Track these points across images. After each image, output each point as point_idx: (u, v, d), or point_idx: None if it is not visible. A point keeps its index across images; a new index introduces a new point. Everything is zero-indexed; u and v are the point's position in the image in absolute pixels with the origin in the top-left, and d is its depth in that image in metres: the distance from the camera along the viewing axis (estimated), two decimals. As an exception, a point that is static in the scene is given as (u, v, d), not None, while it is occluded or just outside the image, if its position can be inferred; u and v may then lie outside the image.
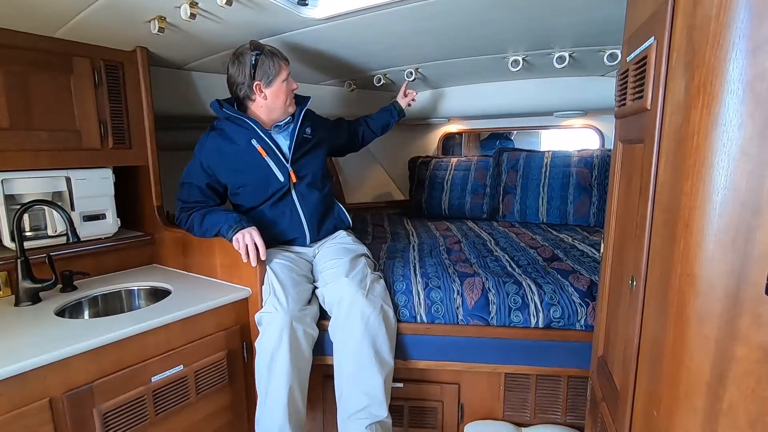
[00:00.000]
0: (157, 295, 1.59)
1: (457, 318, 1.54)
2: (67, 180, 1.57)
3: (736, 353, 0.62)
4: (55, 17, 1.34)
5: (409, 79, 2.17)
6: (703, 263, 0.63)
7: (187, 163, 1.65)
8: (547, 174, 2.55)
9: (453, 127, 3.24)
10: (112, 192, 1.70)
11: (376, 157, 3.24)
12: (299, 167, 1.64)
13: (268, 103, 1.58)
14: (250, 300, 1.53)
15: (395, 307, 1.55)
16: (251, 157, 1.58)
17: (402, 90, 2.19)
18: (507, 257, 1.86)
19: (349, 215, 1.84)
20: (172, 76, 1.93)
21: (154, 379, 1.27)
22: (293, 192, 1.64)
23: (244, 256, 1.46)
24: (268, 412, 1.39)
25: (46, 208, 1.52)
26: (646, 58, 0.79)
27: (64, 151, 1.53)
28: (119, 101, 1.65)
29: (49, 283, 1.41)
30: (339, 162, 3.07)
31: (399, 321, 1.55)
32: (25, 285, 1.39)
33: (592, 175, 2.47)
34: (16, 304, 1.39)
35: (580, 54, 1.87)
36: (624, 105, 0.95)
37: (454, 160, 2.93)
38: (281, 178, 1.60)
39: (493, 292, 1.54)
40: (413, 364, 1.57)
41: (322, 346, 1.54)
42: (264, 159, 1.58)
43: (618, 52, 1.79)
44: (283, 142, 1.64)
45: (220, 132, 1.61)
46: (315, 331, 1.49)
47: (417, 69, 2.15)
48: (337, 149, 2.07)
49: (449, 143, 3.51)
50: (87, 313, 1.52)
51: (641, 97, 0.81)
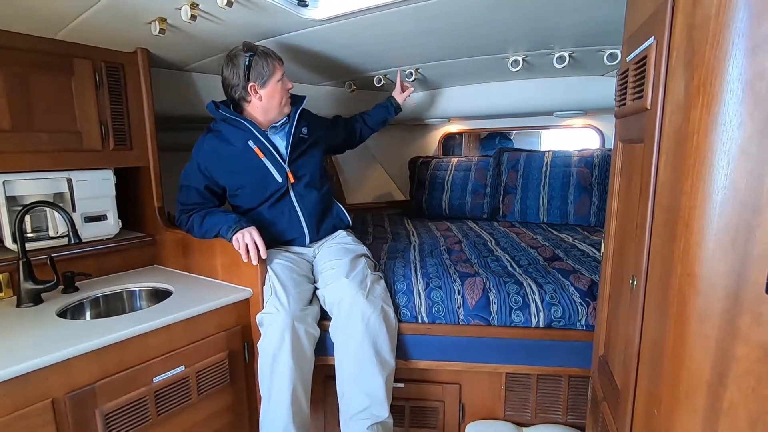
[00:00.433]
0: (159, 295, 1.59)
1: (458, 318, 1.54)
2: (69, 181, 1.57)
3: (737, 352, 0.62)
4: (56, 19, 1.34)
5: (409, 79, 2.17)
6: (704, 263, 0.63)
7: (188, 163, 1.65)
8: (548, 174, 2.55)
9: (453, 128, 3.25)
10: (113, 193, 1.70)
11: (376, 157, 3.24)
12: (297, 167, 1.64)
13: (264, 104, 1.58)
14: (251, 300, 1.54)
15: (396, 307, 1.55)
16: (248, 159, 1.58)
17: (398, 85, 2.16)
18: (508, 257, 1.86)
19: (349, 215, 1.84)
20: (173, 78, 1.93)
21: (155, 379, 1.27)
22: (291, 192, 1.64)
23: (245, 256, 1.46)
24: (272, 413, 1.39)
25: (47, 209, 1.52)
26: (645, 57, 0.79)
27: (66, 152, 1.54)
28: (120, 102, 1.66)
29: (50, 284, 1.42)
30: (339, 162, 3.07)
31: (400, 321, 1.55)
32: (27, 286, 1.39)
33: (592, 174, 2.47)
34: (18, 305, 1.39)
35: (580, 54, 1.87)
36: (624, 105, 0.95)
37: (455, 160, 2.93)
38: (279, 179, 1.60)
39: (493, 292, 1.54)
40: (414, 364, 1.57)
41: (323, 347, 1.54)
42: (261, 160, 1.58)
43: (618, 52, 1.79)
44: (280, 143, 1.64)
45: (217, 134, 1.61)
46: (316, 331, 1.49)
47: (417, 69, 2.15)
48: (334, 147, 2.07)
49: (449, 143, 3.51)
50: (89, 314, 1.53)
51: (641, 96, 0.81)
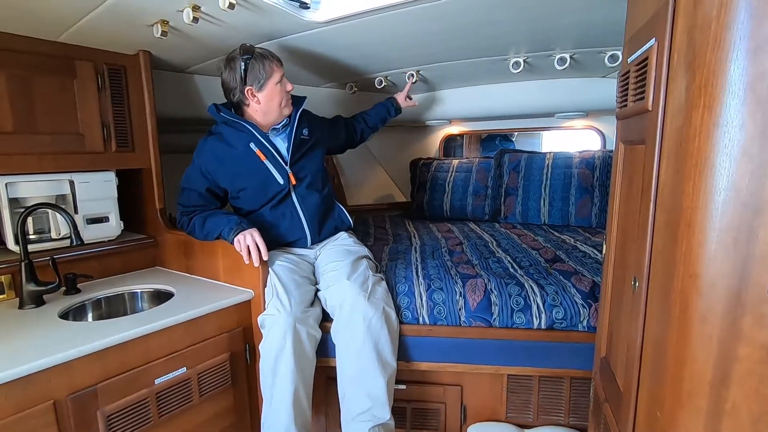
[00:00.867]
0: (160, 297, 1.59)
1: (460, 319, 1.54)
2: (71, 183, 1.58)
3: (739, 353, 0.62)
4: (58, 21, 1.34)
5: (411, 81, 2.17)
6: (706, 263, 0.63)
7: (189, 166, 1.65)
8: (549, 175, 2.55)
9: (454, 129, 3.25)
10: (115, 195, 1.71)
11: (377, 158, 3.25)
12: (298, 169, 1.65)
13: (262, 107, 1.58)
14: (253, 302, 1.54)
15: (397, 308, 1.55)
16: (250, 161, 1.58)
17: (405, 91, 2.18)
18: (509, 258, 1.86)
19: (351, 217, 1.85)
20: (175, 80, 1.94)
21: (157, 381, 1.27)
22: (293, 194, 1.64)
23: (246, 258, 1.46)
24: (274, 414, 1.39)
25: (49, 211, 1.53)
26: (647, 59, 0.79)
27: (68, 154, 1.54)
28: (122, 105, 1.66)
29: (52, 285, 1.42)
30: (340, 164, 3.08)
31: (401, 322, 1.55)
32: (29, 288, 1.40)
33: (593, 176, 2.47)
34: (20, 307, 1.40)
35: (581, 55, 1.88)
36: (625, 106, 0.95)
37: (456, 162, 2.93)
38: (281, 181, 1.61)
39: (495, 293, 1.54)
40: (416, 365, 1.57)
41: (324, 348, 1.54)
42: (263, 162, 1.59)
43: (619, 54, 1.79)
44: (281, 145, 1.64)
45: (218, 136, 1.61)
46: (318, 333, 1.49)
47: (418, 71, 2.15)
48: (335, 147, 2.08)
49: (450, 145, 3.51)
50: (90, 315, 1.53)
51: (642, 98, 0.81)
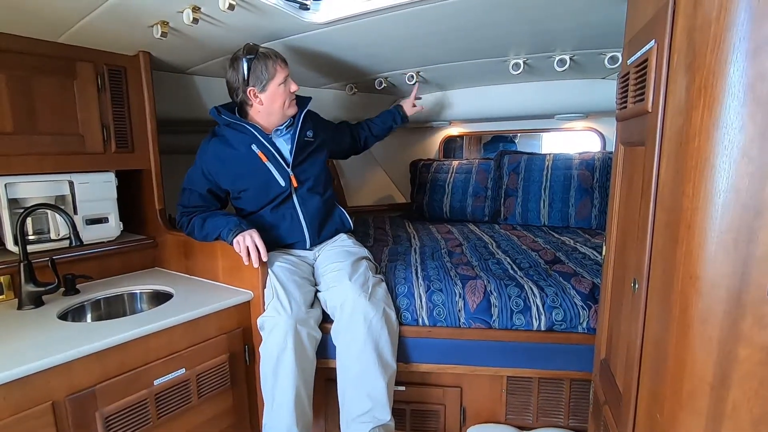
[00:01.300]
0: (160, 298, 1.59)
1: (459, 321, 1.54)
2: (70, 184, 1.57)
3: (739, 354, 0.61)
4: (58, 22, 1.35)
5: (410, 83, 2.17)
6: (706, 265, 0.63)
7: (190, 166, 1.65)
8: (549, 176, 2.55)
9: (454, 130, 3.25)
10: (115, 195, 1.71)
11: (377, 160, 3.25)
12: (300, 171, 1.64)
13: (265, 107, 1.57)
14: (252, 303, 1.54)
15: (397, 310, 1.55)
16: (252, 163, 1.58)
17: (412, 97, 2.15)
18: (509, 260, 1.85)
19: (351, 218, 1.84)
20: (175, 80, 1.94)
21: (156, 382, 1.27)
22: (294, 196, 1.64)
23: (245, 259, 1.46)
24: (276, 416, 1.39)
25: (49, 211, 1.53)
26: (646, 60, 0.79)
27: (68, 155, 1.54)
28: (122, 105, 1.66)
29: (51, 286, 1.42)
30: (341, 165, 3.08)
31: (401, 324, 1.55)
32: (28, 288, 1.39)
33: (593, 177, 2.47)
34: (19, 308, 1.39)
35: (581, 57, 1.88)
36: (625, 107, 0.95)
37: (456, 163, 2.93)
38: (282, 183, 1.60)
39: (494, 295, 1.54)
40: (415, 367, 1.57)
41: (324, 349, 1.54)
42: (264, 164, 1.58)
43: (619, 55, 1.79)
44: (284, 147, 1.64)
45: (221, 138, 1.61)
46: (318, 334, 1.49)
47: (418, 72, 2.16)
48: (338, 152, 2.07)
49: (450, 146, 3.51)
50: (90, 316, 1.53)
51: (642, 99, 0.81)
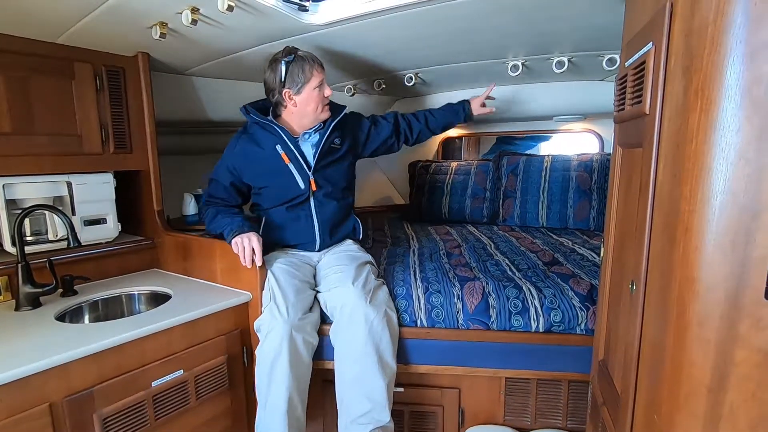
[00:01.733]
0: (158, 299, 1.58)
1: (458, 322, 1.54)
2: (68, 184, 1.57)
3: (736, 357, 0.62)
4: (57, 23, 1.34)
5: (409, 84, 2.16)
6: (703, 267, 0.63)
7: (188, 167, 1.66)
8: (547, 178, 2.56)
9: (453, 132, 3.25)
10: (113, 196, 1.71)
11: (376, 161, 3.25)
12: (321, 176, 1.65)
13: (299, 110, 1.59)
14: (251, 304, 1.53)
15: (395, 311, 1.54)
16: (274, 163, 1.61)
17: (483, 96, 1.98)
18: (507, 261, 1.85)
19: (362, 228, 1.83)
20: (174, 82, 1.93)
21: (154, 383, 1.27)
22: (311, 199, 1.66)
23: (242, 259, 1.47)
24: (268, 420, 1.39)
25: (47, 212, 1.52)
26: (644, 63, 0.80)
27: (66, 155, 1.54)
28: (120, 106, 1.66)
29: (49, 287, 1.41)
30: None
31: (400, 325, 1.54)
32: (26, 290, 1.39)
33: (591, 179, 2.47)
34: (17, 309, 1.39)
35: (579, 59, 1.88)
36: (623, 109, 0.95)
37: (454, 164, 2.93)
38: (302, 186, 1.62)
39: (493, 296, 1.54)
40: (414, 368, 1.56)
41: (322, 351, 1.53)
42: (287, 165, 1.60)
43: (617, 57, 1.80)
44: (309, 151, 1.64)
45: (250, 136, 1.65)
46: (315, 339, 1.49)
47: (417, 74, 2.16)
48: (379, 151, 1.91)
49: (449, 147, 3.52)
50: (87, 317, 1.52)
51: (640, 101, 0.82)
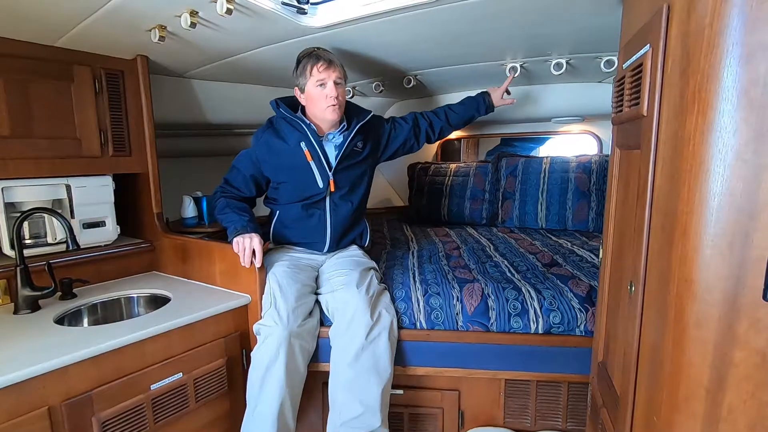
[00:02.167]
0: (157, 302, 1.58)
1: (457, 324, 1.54)
2: (67, 187, 1.57)
3: (735, 358, 0.62)
4: (56, 26, 1.35)
5: (407, 86, 2.17)
6: (701, 268, 0.63)
7: (187, 170, 1.65)
8: (546, 180, 2.56)
9: (452, 133, 3.25)
10: (112, 199, 1.71)
11: (375, 163, 3.25)
12: (340, 178, 1.65)
13: (308, 107, 1.61)
14: (250, 307, 1.53)
15: (395, 313, 1.54)
16: (297, 159, 1.61)
17: (504, 86, 1.96)
18: (506, 263, 1.86)
19: (369, 235, 1.83)
20: (173, 84, 1.94)
21: (153, 386, 1.26)
22: (328, 199, 1.66)
23: (242, 259, 1.47)
24: (256, 425, 1.37)
25: (46, 215, 1.52)
26: (642, 65, 0.80)
27: (65, 158, 1.54)
28: (119, 109, 1.66)
29: (48, 290, 1.41)
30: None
31: (399, 328, 1.54)
32: (25, 293, 1.39)
33: (590, 180, 2.48)
34: (15, 312, 1.39)
35: (577, 61, 1.89)
36: (621, 111, 0.96)
37: (453, 166, 2.94)
38: (320, 185, 1.63)
39: (492, 298, 1.54)
40: (413, 370, 1.56)
41: (320, 354, 1.53)
42: (309, 163, 1.61)
43: (614, 59, 1.80)
44: (332, 152, 1.65)
45: (275, 129, 1.65)
46: (312, 346, 1.49)
47: (416, 76, 2.16)
48: (400, 151, 1.89)
49: (448, 149, 3.52)
50: (86, 320, 1.52)
51: (638, 103, 0.82)
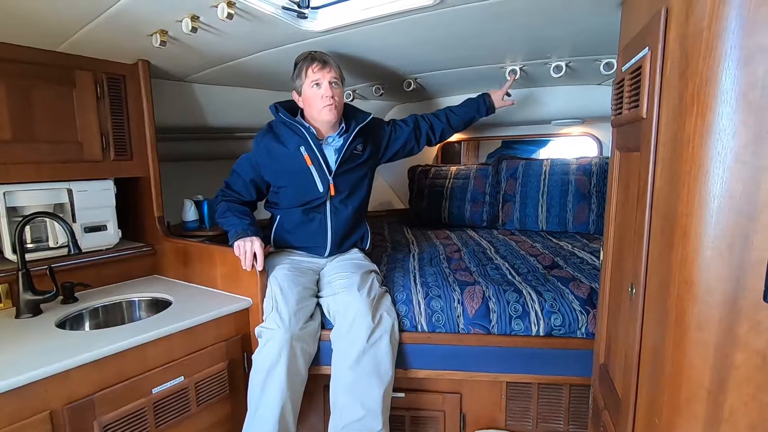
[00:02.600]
0: (158, 306, 1.58)
1: (458, 327, 1.54)
2: (69, 192, 1.58)
3: (736, 359, 0.62)
4: (58, 32, 1.35)
5: (408, 89, 2.17)
6: (701, 270, 0.63)
7: (189, 173, 1.66)
8: (546, 182, 2.56)
9: (452, 136, 3.26)
10: (114, 203, 1.71)
11: (375, 166, 3.25)
12: (340, 182, 1.65)
13: (306, 110, 1.61)
14: (251, 310, 1.53)
15: (396, 316, 1.54)
16: (296, 163, 1.61)
17: (505, 88, 1.95)
18: (507, 265, 1.86)
19: (370, 240, 1.83)
20: (174, 88, 1.95)
21: (154, 390, 1.26)
22: (328, 204, 1.66)
23: (243, 263, 1.48)
24: (257, 428, 1.37)
25: (47, 219, 1.53)
26: (641, 67, 0.80)
27: (66, 163, 1.54)
28: (121, 113, 1.67)
29: (50, 294, 1.41)
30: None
31: (400, 330, 1.54)
32: (26, 297, 1.39)
33: (590, 182, 2.48)
34: (17, 316, 1.39)
35: (577, 63, 1.89)
36: (620, 114, 0.96)
37: (454, 169, 2.94)
38: (320, 189, 1.62)
39: (493, 300, 1.54)
40: (414, 373, 1.56)
41: (321, 357, 1.53)
42: (308, 167, 1.60)
43: (614, 61, 1.81)
44: (332, 156, 1.64)
45: (275, 134, 1.65)
46: (313, 349, 1.49)
47: (416, 79, 2.17)
48: (400, 154, 1.88)
49: (448, 152, 3.52)
50: (88, 324, 1.52)
51: (637, 106, 0.82)
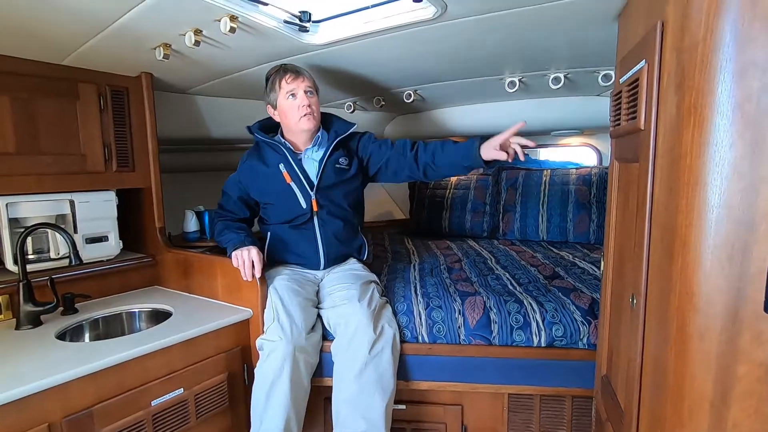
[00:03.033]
0: (158, 317, 1.58)
1: (459, 338, 1.53)
2: (71, 203, 1.58)
3: (738, 371, 0.62)
4: (63, 45, 1.37)
5: (408, 101, 2.19)
6: (701, 280, 0.63)
7: (191, 185, 1.67)
8: (546, 192, 2.57)
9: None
10: (115, 214, 1.71)
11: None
12: (324, 195, 1.62)
13: (283, 123, 1.60)
14: (251, 321, 1.53)
15: (398, 330, 1.54)
16: (277, 182, 1.60)
17: (502, 136, 1.43)
18: (508, 276, 1.85)
19: (370, 250, 1.80)
20: (176, 100, 1.96)
21: (154, 402, 1.25)
22: (315, 218, 1.63)
23: (242, 272, 1.48)
24: None
25: (49, 230, 1.53)
26: (638, 80, 0.81)
27: (69, 174, 1.55)
28: (123, 125, 1.68)
29: (50, 306, 1.41)
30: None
31: (401, 341, 1.53)
32: (27, 308, 1.39)
33: (590, 192, 2.48)
34: (17, 328, 1.38)
35: (575, 75, 1.91)
36: (619, 125, 0.97)
37: (454, 179, 2.95)
38: (303, 205, 1.60)
39: (494, 311, 1.53)
40: (415, 385, 1.55)
41: (322, 369, 1.52)
42: (288, 185, 1.59)
43: (612, 73, 1.82)
44: (312, 169, 1.62)
45: (258, 153, 1.66)
46: (315, 360, 1.49)
47: (416, 90, 2.19)
48: (389, 177, 1.72)
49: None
50: (88, 335, 1.52)
51: (635, 117, 0.83)
